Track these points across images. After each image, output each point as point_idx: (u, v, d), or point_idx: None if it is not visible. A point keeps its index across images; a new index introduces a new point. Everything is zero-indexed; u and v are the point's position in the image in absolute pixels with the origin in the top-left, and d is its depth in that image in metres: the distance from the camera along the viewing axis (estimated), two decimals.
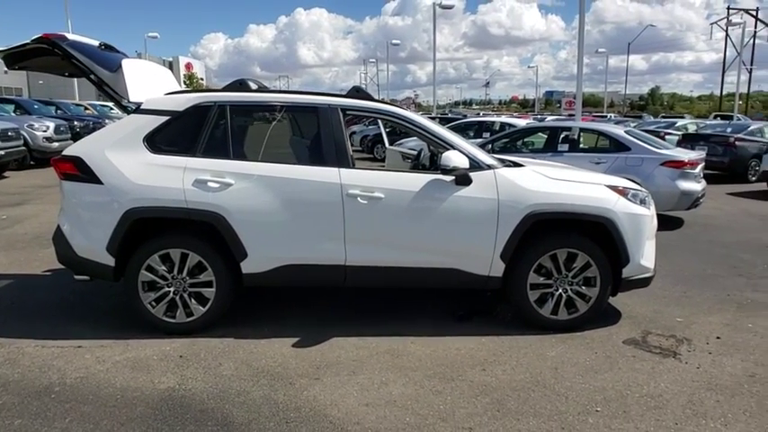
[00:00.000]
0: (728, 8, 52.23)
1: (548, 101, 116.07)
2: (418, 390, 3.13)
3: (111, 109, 19.45)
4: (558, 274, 3.87)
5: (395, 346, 3.69)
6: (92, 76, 3.82)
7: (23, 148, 11.93)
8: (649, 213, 4.00)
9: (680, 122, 16.44)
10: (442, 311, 4.31)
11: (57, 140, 12.77)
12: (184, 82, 52.15)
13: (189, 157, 3.71)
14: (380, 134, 8.37)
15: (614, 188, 3.94)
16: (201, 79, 54.96)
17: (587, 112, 42.03)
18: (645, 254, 3.95)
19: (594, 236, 3.88)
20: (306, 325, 3.98)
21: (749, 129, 13.13)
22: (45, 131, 12.63)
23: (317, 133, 3.82)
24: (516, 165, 4.09)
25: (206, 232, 3.74)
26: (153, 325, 3.78)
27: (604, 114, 40.28)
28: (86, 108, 19.59)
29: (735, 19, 37.80)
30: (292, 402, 2.98)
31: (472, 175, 3.74)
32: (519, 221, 3.74)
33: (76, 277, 3.93)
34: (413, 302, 4.50)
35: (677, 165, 7.35)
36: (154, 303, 3.76)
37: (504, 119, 16.08)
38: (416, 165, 5.08)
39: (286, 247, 3.73)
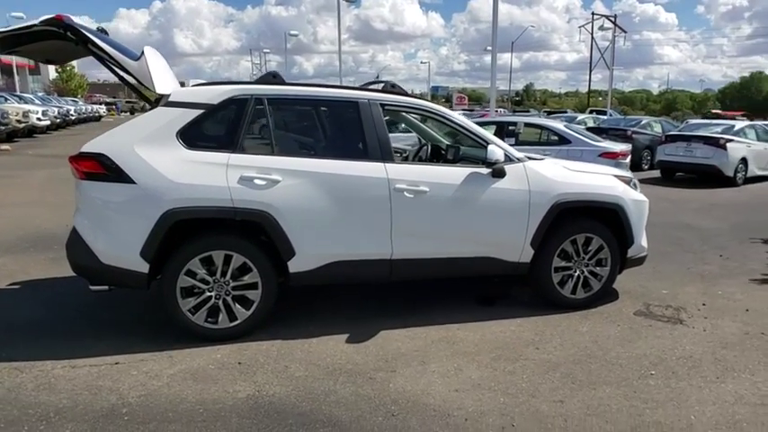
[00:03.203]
0: (593, 14, 58.69)
1: (433, 95, 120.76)
2: (493, 372, 3.30)
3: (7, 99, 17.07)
4: (577, 257, 4.25)
5: (443, 334, 3.82)
6: (111, 64, 3.46)
7: None
8: (646, 199, 4.52)
9: (580, 117, 18.29)
10: (461, 299, 4.51)
11: None
12: (56, 71, 46.72)
13: (230, 153, 3.52)
14: None
15: (620, 177, 4.39)
16: (73, 67, 49.48)
17: (479, 107, 44.57)
18: (643, 236, 4.47)
19: (605, 221, 4.30)
20: (344, 321, 3.97)
21: (641, 123, 14.92)
22: None
23: (359, 128, 3.79)
24: (532, 158, 4.39)
25: (250, 231, 3.58)
26: (192, 332, 3.56)
27: (494, 109, 42.84)
28: None
29: (607, 24, 42.12)
30: (385, 396, 3.00)
31: (506, 167, 3.97)
32: (547, 210, 4.03)
33: (93, 288, 3.56)
34: (431, 292, 4.64)
35: (612, 156, 8.23)
36: (193, 310, 3.53)
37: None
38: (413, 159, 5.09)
39: (334, 244, 3.69)
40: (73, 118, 26.67)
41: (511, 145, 8.42)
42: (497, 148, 3.88)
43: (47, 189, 9.42)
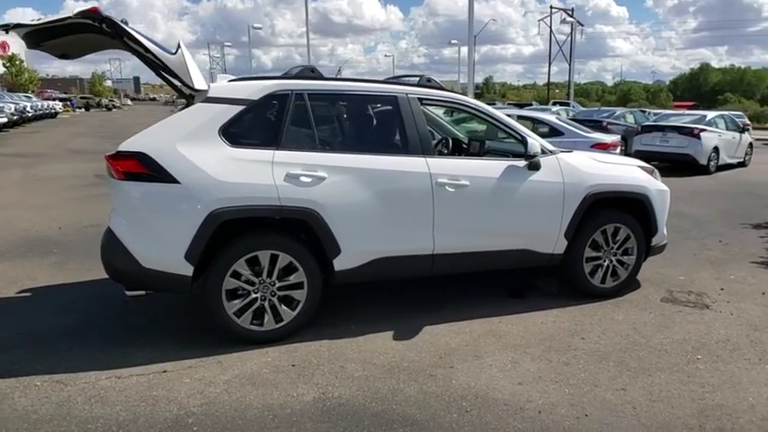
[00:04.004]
0: (551, 7, 59.85)
1: None
2: (549, 364, 3.33)
3: None
4: (606, 246, 4.33)
5: (487, 327, 3.83)
6: (148, 58, 3.29)
7: None
8: (668, 189, 4.64)
9: (554, 109, 18.67)
10: (491, 291, 4.53)
11: None
12: (4, 65, 44.24)
13: (274, 150, 3.41)
14: None
15: (644, 168, 4.49)
16: (22, 61, 46.99)
17: None
18: (664, 224, 4.59)
19: (631, 210, 4.39)
20: (383, 317, 3.93)
21: (615, 114, 15.35)
22: None
23: (400, 123, 3.75)
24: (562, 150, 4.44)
25: (295, 230, 3.49)
26: (237, 335, 3.45)
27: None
28: None
29: (568, 18, 43.13)
30: (452, 392, 2.99)
31: (541, 160, 4.00)
32: (580, 201, 4.09)
33: (129, 293, 3.41)
34: (460, 286, 4.64)
35: (604, 146, 8.41)
36: (238, 313, 3.42)
37: None
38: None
39: (379, 240, 3.63)
40: (29, 115, 25.38)
41: (504, 138, 8.61)
42: (536, 142, 3.91)
43: (25, 190, 8.94)
